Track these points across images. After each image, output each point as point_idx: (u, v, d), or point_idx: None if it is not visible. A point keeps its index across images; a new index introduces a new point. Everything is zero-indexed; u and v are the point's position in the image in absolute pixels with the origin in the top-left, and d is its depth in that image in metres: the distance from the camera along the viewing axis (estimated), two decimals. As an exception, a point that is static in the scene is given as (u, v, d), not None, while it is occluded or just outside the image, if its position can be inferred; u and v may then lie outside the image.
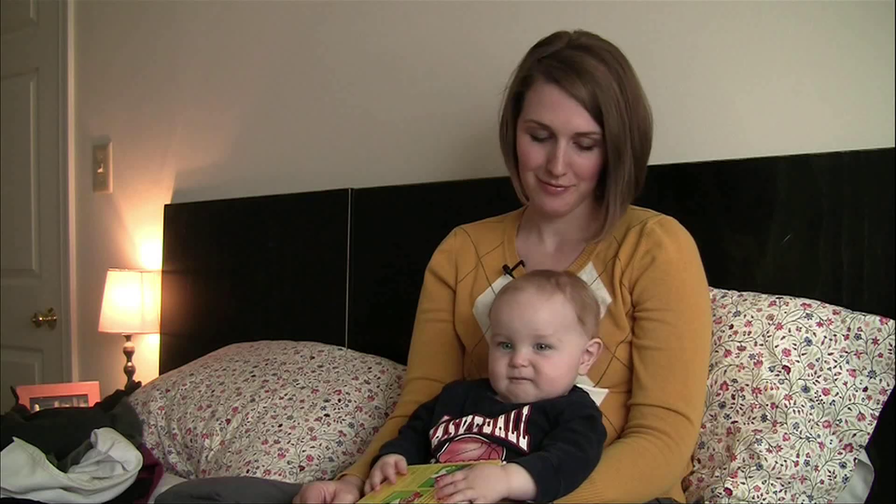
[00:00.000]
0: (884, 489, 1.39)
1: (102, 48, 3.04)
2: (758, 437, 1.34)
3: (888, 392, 1.34)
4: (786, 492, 1.31)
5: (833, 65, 1.56)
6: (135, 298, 2.65)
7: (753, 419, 1.36)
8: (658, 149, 1.41)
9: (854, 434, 1.33)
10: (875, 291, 1.43)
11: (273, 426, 1.76)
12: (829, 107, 1.57)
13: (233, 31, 2.61)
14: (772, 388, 1.36)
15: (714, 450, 1.39)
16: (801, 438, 1.33)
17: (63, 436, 1.79)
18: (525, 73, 1.35)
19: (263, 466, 1.67)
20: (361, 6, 2.27)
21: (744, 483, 1.32)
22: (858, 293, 1.45)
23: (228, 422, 1.83)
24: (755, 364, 1.39)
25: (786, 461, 1.32)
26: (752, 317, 1.43)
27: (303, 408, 1.78)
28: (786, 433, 1.33)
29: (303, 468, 1.67)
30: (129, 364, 2.69)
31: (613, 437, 1.29)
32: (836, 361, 1.36)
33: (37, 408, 2.25)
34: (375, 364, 1.92)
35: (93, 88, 3.07)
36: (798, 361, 1.37)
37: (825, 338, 1.38)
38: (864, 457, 1.36)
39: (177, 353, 2.55)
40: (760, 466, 1.32)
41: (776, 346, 1.38)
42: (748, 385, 1.38)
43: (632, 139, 1.32)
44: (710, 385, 1.41)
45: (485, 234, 1.53)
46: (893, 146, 1.45)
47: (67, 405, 2.31)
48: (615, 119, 1.29)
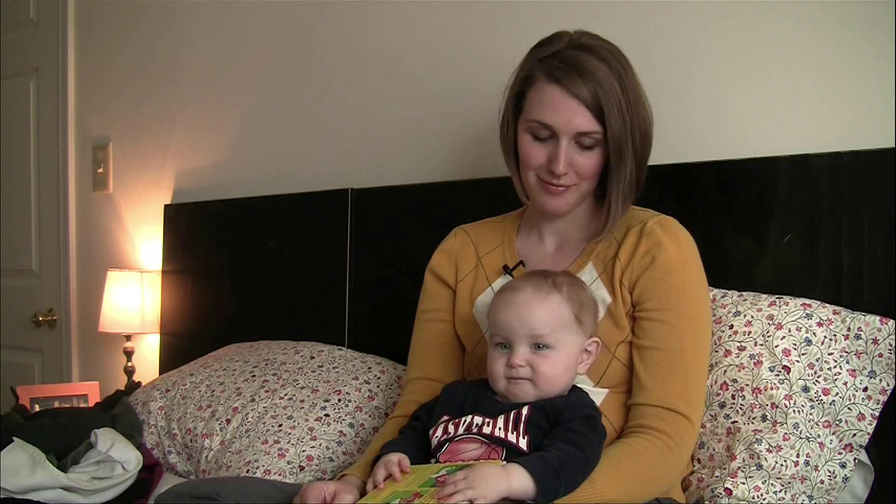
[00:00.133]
0: (884, 489, 1.39)
1: (102, 48, 3.03)
2: (758, 437, 1.34)
3: (888, 392, 1.34)
4: (786, 492, 1.31)
5: (833, 65, 1.56)
6: (135, 298, 2.65)
7: (753, 419, 1.36)
8: (658, 149, 1.41)
9: (854, 434, 1.33)
10: (875, 291, 1.43)
11: (273, 426, 1.76)
12: (829, 107, 1.57)
13: (233, 31, 2.61)
14: (772, 388, 1.36)
15: (714, 450, 1.39)
16: (801, 438, 1.33)
17: (63, 436, 1.79)
18: (526, 73, 1.35)
19: (263, 466, 1.67)
20: (361, 6, 2.27)
21: (744, 483, 1.32)
22: (858, 293, 1.45)
23: (228, 422, 1.83)
24: (755, 364, 1.39)
25: (786, 461, 1.32)
26: (752, 317, 1.43)
27: (303, 408, 1.78)
28: (786, 433, 1.33)
29: (303, 468, 1.67)
30: (129, 364, 2.69)
31: (613, 437, 1.29)
32: (836, 361, 1.36)
33: (37, 408, 2.25)
34: (375, 364, 1.91)
35: (93, 88, 3.07)
36: (798, 361, 1.37)
37: (825, 338, 1.38)
38: (864, 457, 1.36)
39: (177, 353, 2.55)
40: (760, 466, 1.32)
41: (776, 346, 1.38)
42: (748, 385, 1.38)
43: (633, 139, 1.32)
44: (710, 385, 1.41)
45: (485, 234, 1.53)
46: (893, 146, 1.45)
47: (67, 405, 2.31)
48: (617, 119, 1.29)
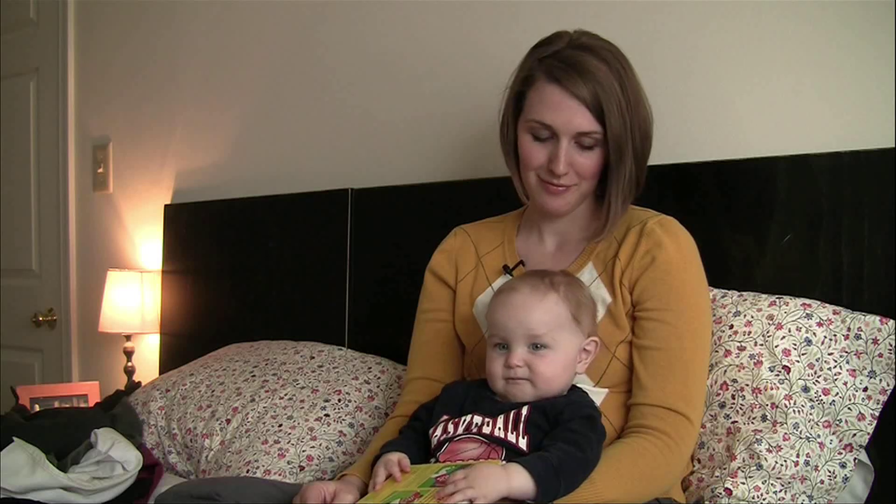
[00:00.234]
0: (884, 489, 1.39)
1: (102, 48, 3.03)
2: (758, 437, 1.34)
3: (888, 392, 1.34)
4: (786, 492, 1.31)
5: (833, 65, 1.56)
6: (135, 298, 2.65)
7: (753, 419, 1.36)
8: (658, 149, 1.41)
9: (854, 434, 1.33)
10: (875, 291, 1.43)
11: (273, 426, 1.76)
12: (829, 107, 1.57)
13: (233, 31, 2.61)
14: (772, 388, 1.36)
15: (714, 450, 1.39)
16: (801, 438, 1.33)
17: (63, 436, 1.79)
18: (526, 73, 1.35)
19: (263, 466, 1.67)
20: (361, 6, 2.27)
21: (744, 483, 1.32)
22: (858, 293, 1.45)
23: (228, 422, 1.83)
24: (755, 364, 1.39)
25: (786, 461, 1.32)
26: (752, 317, 1.43)
27: (303, 408, 1.78)
28: (786, 433, 1.33)
29: (303, 468, 1.67)
30: (129, 364, 2.69)
31: (613, 437, 1.29)
32: (836, 361, 1.36)
33: (37, 408, 2.25)
34: (375, 364, 1.91)
35: (93, 88, 3.07)
36: (798, 361, 1.37)
37: (825, 338, 1.38)
38: (864, 457, 1.36)
39: (177, 353, 2.55)
40: (760, 466, 1.32)
41: (776, 346, 1.38)
42: (748, 385, 1.38)
43: (633, 139, 1.32)
44: (710, 385, 1.41)
45: (485, 234, 1.53)
46: (893, 146, 1.45)
47: (67, 405, 2.31)
48: (617, 119, 1.29)
